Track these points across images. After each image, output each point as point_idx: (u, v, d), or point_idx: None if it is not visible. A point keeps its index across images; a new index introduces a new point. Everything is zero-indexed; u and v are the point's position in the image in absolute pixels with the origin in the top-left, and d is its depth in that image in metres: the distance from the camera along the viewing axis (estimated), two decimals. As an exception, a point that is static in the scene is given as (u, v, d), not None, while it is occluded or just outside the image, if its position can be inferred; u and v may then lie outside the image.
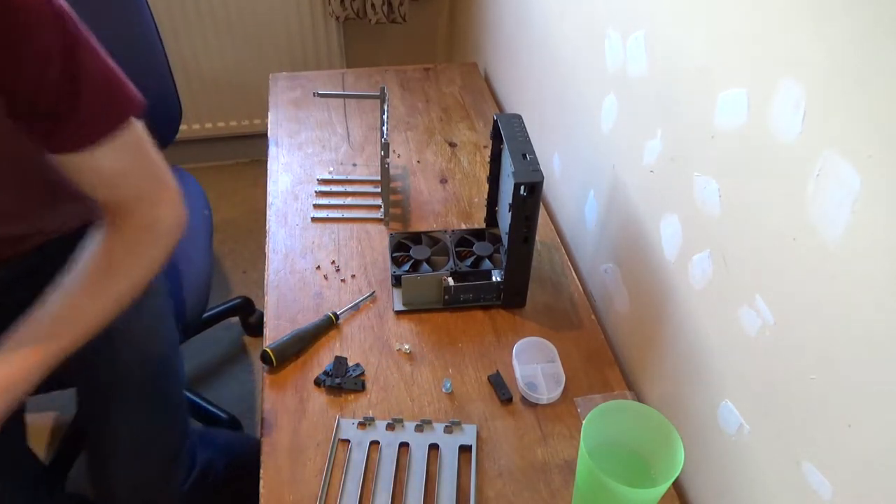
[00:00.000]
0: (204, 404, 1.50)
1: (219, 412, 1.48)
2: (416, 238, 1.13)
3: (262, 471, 0.84)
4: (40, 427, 1.57)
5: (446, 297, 1.04)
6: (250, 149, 2.29)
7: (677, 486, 0.88)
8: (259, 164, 2.34)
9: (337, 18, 1.96)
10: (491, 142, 1.07)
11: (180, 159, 2.24)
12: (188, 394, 1.51)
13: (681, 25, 0.78)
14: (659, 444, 0.72)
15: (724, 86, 0.70)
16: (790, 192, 0.61)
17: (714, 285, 0.76)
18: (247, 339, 1.78)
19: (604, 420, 0.72)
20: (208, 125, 2.16)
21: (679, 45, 0.78)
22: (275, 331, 1.01)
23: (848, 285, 0.56)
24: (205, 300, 1.23)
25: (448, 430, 0.89)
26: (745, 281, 0.70)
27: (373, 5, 1.92)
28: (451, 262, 1.08)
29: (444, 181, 1.33)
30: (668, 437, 0.70)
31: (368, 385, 0.95)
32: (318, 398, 0.93)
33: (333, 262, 1.13)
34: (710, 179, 0.74)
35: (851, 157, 0.54)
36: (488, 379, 0.96)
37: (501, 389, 0.94)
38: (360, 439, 0.87)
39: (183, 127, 2.12)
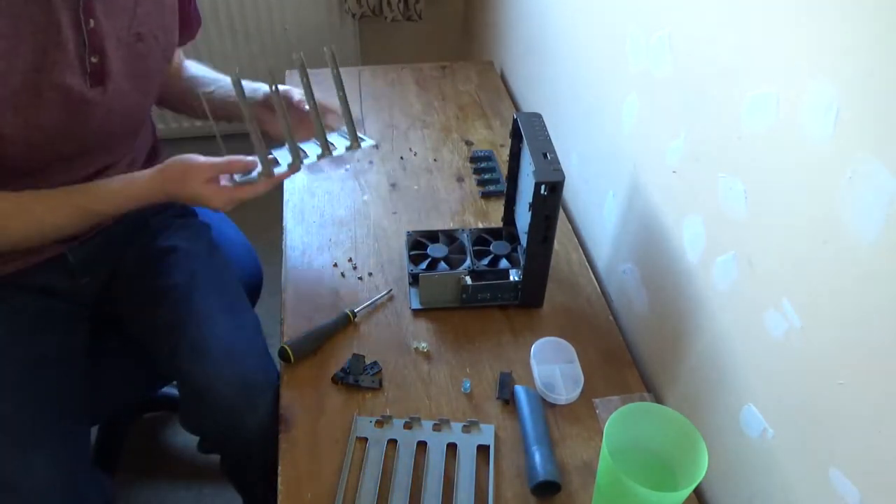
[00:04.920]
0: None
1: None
2: (433, 236, 1.13)
3: (280, 467, 0.84)
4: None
5: (464, 295, 1.03)
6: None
7: (696, 490, 0.87)
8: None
9: (353, 16, 1.96)
10: (509, 140, 1.07)
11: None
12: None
13: (707, 24, 0.77)
14: (682, 448, 0.71)
15: (753, 86, 0.69)
16: (821, 194, 0.60)
17: (738, 288, 0.75)
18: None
19: (626, 422, 0.71)
20: (223, 121, 2.16)
21: (705, 45, 0.78)
22: (292, 328, 1.01)
23: (881, 289, 0.55)
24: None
25: (466, 429, 0.88)
26: (771, 284, 0.69)
27: (389, 3, 1.92)
28: (468, 261, 1.07)
29: (460, 179, 1.32)
30: (692, 441, 0.70)
31: (385, 383, 0.94)
32: (336, 395, 0.93)
33: (350, 259, 1.13)
34: (735, 180, 0.74)
35: (886, 159, 0.53)
36: (498, 376, 0.95)
37: (503, 389, 0.93)
38: (377, 437, 0.87)
39: (198, 123, 2.13)
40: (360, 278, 1.10)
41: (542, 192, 0.91)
